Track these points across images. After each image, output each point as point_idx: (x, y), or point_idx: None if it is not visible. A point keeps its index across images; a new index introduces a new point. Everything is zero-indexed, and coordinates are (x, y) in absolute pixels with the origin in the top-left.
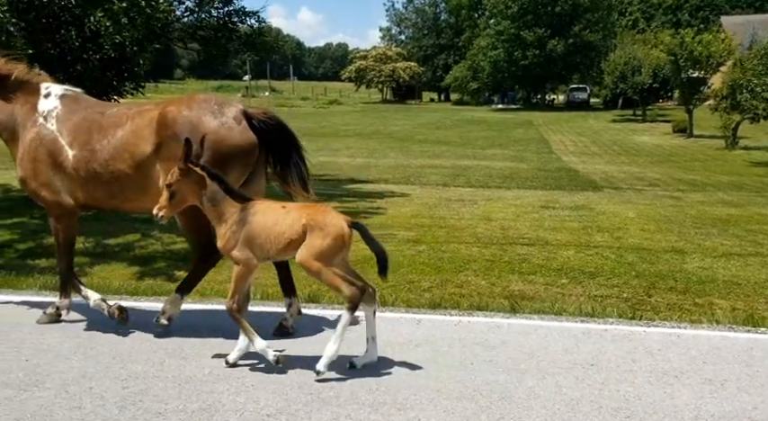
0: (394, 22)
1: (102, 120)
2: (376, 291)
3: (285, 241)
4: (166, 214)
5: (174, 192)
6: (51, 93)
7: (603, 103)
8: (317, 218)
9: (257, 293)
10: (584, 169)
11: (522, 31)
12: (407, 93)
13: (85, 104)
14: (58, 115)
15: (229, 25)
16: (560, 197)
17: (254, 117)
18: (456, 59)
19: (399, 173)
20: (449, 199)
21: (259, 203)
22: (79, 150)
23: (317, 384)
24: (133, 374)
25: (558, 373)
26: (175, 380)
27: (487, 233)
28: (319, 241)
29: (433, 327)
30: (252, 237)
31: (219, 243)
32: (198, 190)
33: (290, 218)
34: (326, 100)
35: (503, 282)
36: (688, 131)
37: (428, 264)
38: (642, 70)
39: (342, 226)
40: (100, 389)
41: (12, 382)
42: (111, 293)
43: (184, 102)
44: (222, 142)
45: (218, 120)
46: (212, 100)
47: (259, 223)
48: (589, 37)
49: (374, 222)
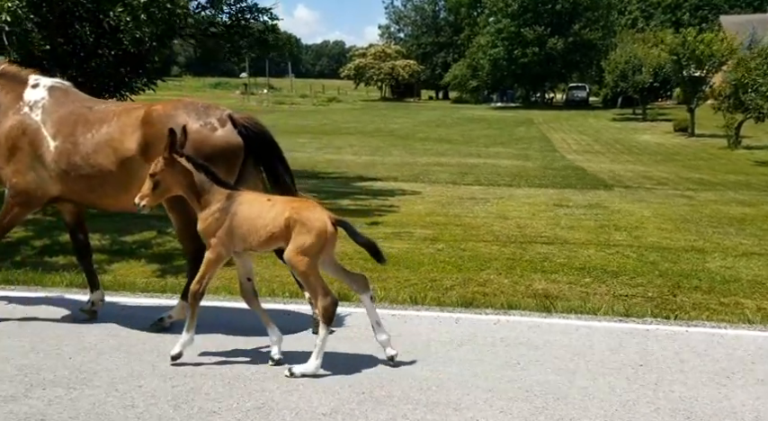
0: (393, 19)
1: (89, 114)
2: (366, 277)
3: (267, 234)
4: (149, 203)
5: (157, 181)
6: (40, 84)
7: (602, 102)
8: (302, 213)
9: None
10: (590, 168)
11: (523, 28)
12: (406, 91)
13: (74, 98)
14: (44, 106)
15: (242, 22)
16: (572, 195)
17: (239, 122)
18: (455, 58)
19: (406, 171)
20: (460, 197)
21: (246, 194)
22: (62, 142)
23: (367, 383)
24: (180, 372)
25: (609, 374)
26: (223, 378)
27: (505, 231)
28: (304, 238)
29: (472, 326)
30: (235, 226)
31: (200, 226)
32: (182, 180)
33: (274, 211)
34: (326, 97)
35: (526, 280)
36: (689, 130)
37: (448, 262)
38: (643, 69)
39: (325, 222)
40: (150, 388)
41: (59, 381)
42: (138, 291)
43: (171, 103)
44: (204, 142)
45: (202, 121)
46: (198, 103)
47: (243, 214)
48: (589, 35)
49: (389, 220)
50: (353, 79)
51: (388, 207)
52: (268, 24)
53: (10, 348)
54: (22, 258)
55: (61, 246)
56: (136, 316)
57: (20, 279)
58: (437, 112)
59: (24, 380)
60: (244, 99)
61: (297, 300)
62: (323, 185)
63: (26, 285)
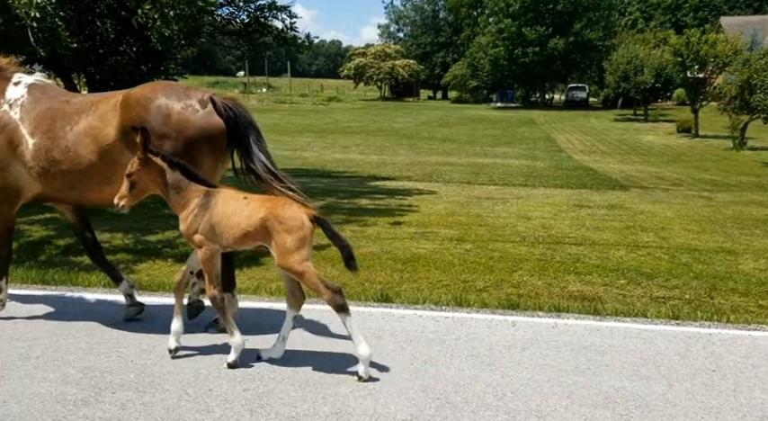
0: (392, 19)
1: (67, 107)
2: (305, 299)
3: (242, 232)
4: (127, 204)
5: (134, 181)
6: (22, 82)
7: (602, 103)
8: (277, 212)
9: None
10: (600, 168)
11: (524, 28)
12: (405, 90)
13: (52, 94)
14: (23, 104)
15: (261, 20)
16: (590, 196)
17: (220, 104)
18: (454, 57)
19: (418, 170)
20: (478, 197)
21: (223, 191)
22: (40, 139)
23: (441, 388)
24: (248, 376)
25: (684, 379)
26: (293, 382)
27: (530, 232)
28: (284, 238)
29: (530, 330)
30: (212, 224)
31: (182, 227)
32: (159, 179)
33: (249, 209)
34: (325, 97)
35: (560, 282)
36: (693, 131)
37: (479, 263)
38: (645, 70)
39: (302, 219)
40: (221, 392)
41: (127, 384)
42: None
43: (149, 86)
44: (186, 123)
45: (183, 103)
46: (178, 85)
47: (219, 211)
48: (590, 35)
49: (411, 220)
50: (353, 79)
51: (408, 207)
52: (286, 23)
53: (68, 350)
54: (47, 257)
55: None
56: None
57: (58, 279)
58: (438, 112)
59: (91, 384)
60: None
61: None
62: (338, 185)
63: (64, 285)
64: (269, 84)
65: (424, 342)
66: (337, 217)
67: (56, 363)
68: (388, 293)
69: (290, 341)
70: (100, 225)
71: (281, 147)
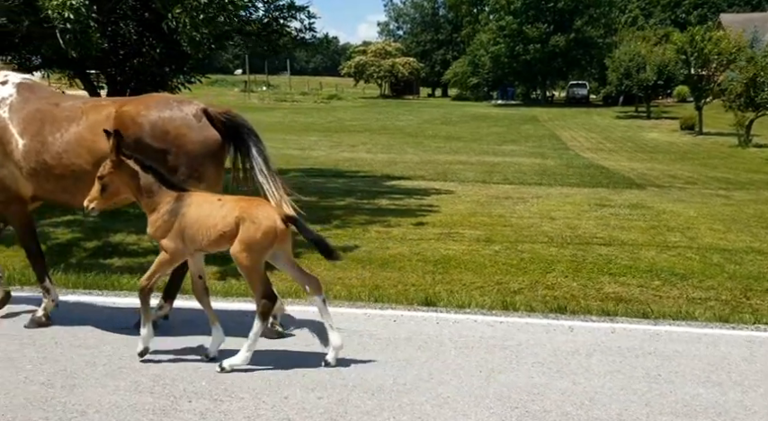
0: (392, 16)
1: (56, 111)
2: (319, 280)
3: (217, 233)
4: (97, 207)
5: (105, 184)
6: (9, 81)
7: (603, 100)
8: (251, 211)
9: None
10: (611, 166)
11: (525, 26)
12: (405, 88)
13: (41, 94)
14: (11, 103)
15: (279, 20)
16: (609, 195)
17: (215, 115)
18: (454, 55)
19: (430, 169)
20: (496, 196)
21: (195, 195)
22: (29, 140)
23: (516, 396)
24: (320, 384)
25: (756, 385)
26: (366, 389)
27: (557, 232)
28: (250, 234)
29: (589, 335)
30: (184, 227)
31: (150, 230)
32: (130, 182)
33: (224, 210)
34: (326, 95)
35: (595, 283)
36: (697, 129)
37: (510, 264)
38: (647, 67)
39: (275, 219)
40: (296, 400)
41: (201, 392)
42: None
43: (142, 101)
44: (185, 138)
45: (178, 117)
46: (170, 98)
47: (193, 214)
48: (591, 32)
49: (434, 220)
50: (354, 77)
51: (428, 207)
52: (305, 23)
53: (132, 357)
54: (77, 260)
55: (113, 247)
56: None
57: (100, 283)
58: (440, 110)
59: (165, 392)
60: (244, 97)
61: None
62: (354, 184)
63: (107, 289)
64: (268, 82)
65: (485, 348)
66: (360, 217)
67: (124, 371)
68: (436, 298)
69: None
70: (126, 227)
71: (290, 146)
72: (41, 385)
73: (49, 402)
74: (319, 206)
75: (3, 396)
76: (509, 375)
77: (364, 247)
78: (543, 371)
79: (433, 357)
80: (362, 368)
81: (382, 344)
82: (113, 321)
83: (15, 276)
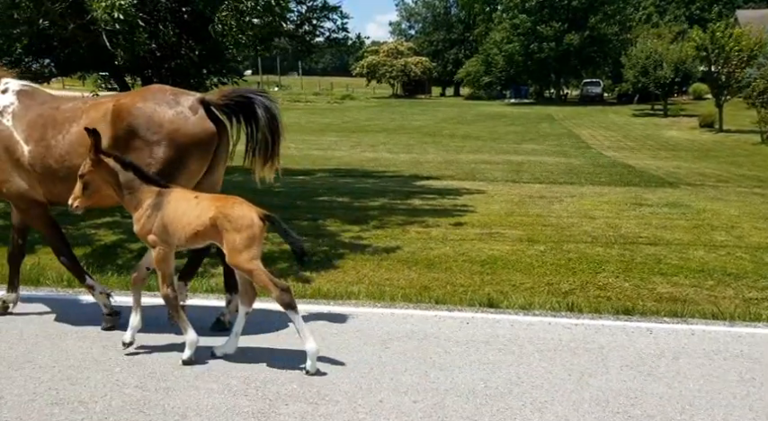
0: (403, 16)
1: (57, 114)
2: (256, 295)
3: (192, 231)
4: (81, 204)
5: (87, 182)
6: (9, 88)
7: (617, 98)
8: (226, 211)
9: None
10: (637, 164)
11: (539, 25)
12: (417, 87)
13: (41, 100)
14: (14, 111)
15: (312, 20)
16: (643, 194)
17: (213, 103)
18: (467, 54)
19: (456, 169)
20: (530, 196)
21: (175, 192)
22: (35, 146)
23: (614, 401)
24: (411, 387)
25: None
26: (459, 393)
27: (599, 232)
28: (233, 237)
29: (670, 338)
30: (164, 224)
31: (135, 228)
32: (111, 179)
33: (199, 209)
34: (339, 95)
35: (647, 284)
36: (717, 126)
37: (558, 264)
38: (664, 65)
39: (252, 218)
40: (392, 404)
41: (295, 395)
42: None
43: (139, 93)
44: (178, 132)
45: (174, 110)
46: (167, 90)
47: (170, 211)
48: (605, 29)
49: (472, 220)
50: (366, 77)
51: (463, 206)
52: (338, 23)
53: (215, 359)
54: (123, 262)
55: None
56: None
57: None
58: (454, 109)
59: (259, 395)
60: None
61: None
62: (384, 185)
63: None
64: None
65: (568, 351)
66: (396, 218)
67: (213, 373)
68: (495, 300)
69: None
70: None
71: (311, 146)
72: (135, 388)
73: (147, 405)
74: (354, 207)
75: (100, 400)
76: (600, 379)
77: (407, 248)
78: (634, 376)
79: (518, 360)
80: (448, 371)
81: (461, 346)
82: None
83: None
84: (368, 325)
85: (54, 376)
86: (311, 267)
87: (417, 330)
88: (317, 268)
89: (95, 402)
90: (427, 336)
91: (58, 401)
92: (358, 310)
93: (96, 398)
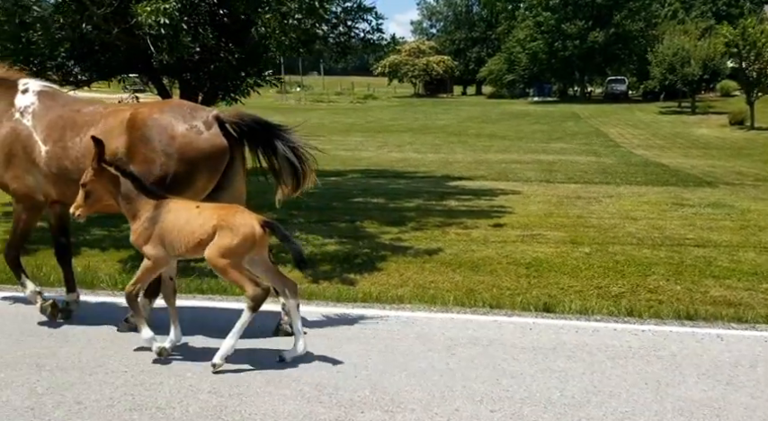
0: (425, 15)
1: (77, 117)
2: (297, 285)
3: (195, 240)
4: (83, 213)
5: (88, 191)
6: (29, 89)
7: (642, 95)
8: (228, 219)
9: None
10: (670, 163)
11: (563, 23)
12: (438, 86)
13: (63, 101)
14: (34, 111)
15: (347, 22)
16: (682, 193)
17: (228, 121)
18: (489, 52)
19: (487, 169)
20: (567, 196)
21: (174, 202)
22: (52, 146)
23: (699, 412)
24: (486, 395)
25: None
26: (536, 402)
27: (644, 233)
28: (227, 240)
29: (742, 345)
30: (163, 234)
31: (132, 237)
32: (112, 189)
33: (202, 218)
34: (362, 95)
35: (699, 287)
36: (749, 124)
37: (606, 267)
38: (691, 61)
39: (252, 225)
40: (468, 412)
41: (370, 402)
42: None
43: (158, 105)
44: (189, 145)
45: (188, 124)
46: (185, 105)
47: (171, 221)
48: (631, 26)
49: (511, 222)
50: (388, 76)
51: (500, 207)
52: (373, 24)
53: (283, 364)
54: None
55: None
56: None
57: (214, 287)
58: (477, 108)
59: (333, 402)
60: (281, 98)
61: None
62: (417, 185)
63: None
64: (301, 83)
65: (640, 358)
66: (434, 219)
67: (283, 379)
68: (553, 303)
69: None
70: None
71: (338, 147)
72: (209, 394)
73: (224, 411)
74: (389, 208)
75: (177, 405)
76: (679, 388)
77: (449, 250)
78: (713, 385)
79: (590, 368)
80: (520, 379)
81: (528, 353)
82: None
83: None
84: (428, 330)
85: (127, 381)
86: (354, 269)
87: (480, 336)
88: (360, 270)
89: (173, 408)
90: (492, 343)
91: (136, 407)
92: (416, 315)
93: (173, 403)
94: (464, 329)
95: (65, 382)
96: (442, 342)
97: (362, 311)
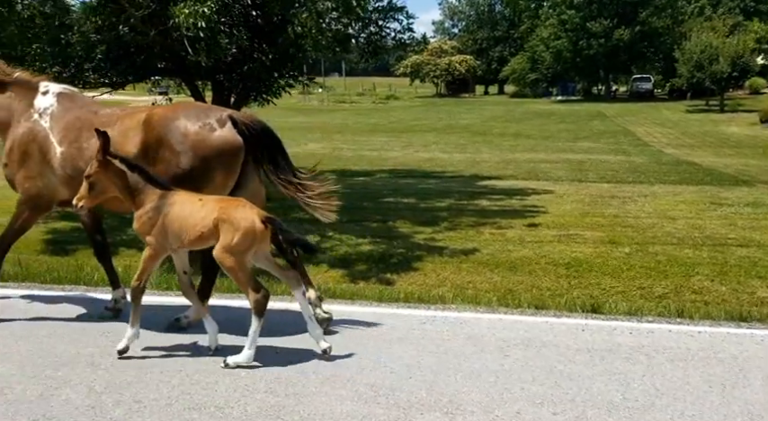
0: (447, 14)
1: (94, 119)
2: (297, 274)
3: (197, 233)
4: (86, 204)
5: (93, 183)
6: (49, 90)
7: (668, 94)
8: (229, 213)
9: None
10: (702, 162)
11: (588, 21)
12: (460, 86)
13: (81, 103)
14: (52, 113)
15: (378, 22)
16: (719, 193)
17: (241, 121)
18: (512, 51)
19: (515, 168)
20: (600, 196)
21: (178, 194)
22: (67, 148)
23: (766, 414)
24: (546, 398)
25: None
26: (596, 405)
27: (684, 233)
28: (230, 236)
29: None
30: (166, 225)
31: (135, 225)
32: (117, 181)
33: (204, 211)
34: (384, 95)
35: (746, 288)
36: None
37: (647, 267)
38: (720, 59)
39: (253, 220)
40: (530, 415)
41: (427, 404)
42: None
43: (172, 106)
44: (202, 142)
45: (201, 122)
46: (200, 105)
47: (174, 213)
48: (656, 23)
49: (547, 222)
50: (410, 76)
51: (533, 207)
52: (403, 24)
53: (336, 365)
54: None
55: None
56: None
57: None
58: (500, 107)
59: (390, 403)
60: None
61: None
62: (447, 185)
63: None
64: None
65: (700, 360)
66: (467, 219)
67: (338, 379)
68: (600, 304)
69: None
70: None
71: (364, 147)
72: (265, 393)
73: (283, 411)
74: (420, 208)
75: (235, 405)
76: (744, 391)
77: (484, 250)
78: None
79: (650, 370)
80: (579, 382)
81: (584, 355)
82: (297, 326)
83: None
84: (478, 331)
85: (183, 380)
86: (390, 269)
87: (532, 337)
88: (396, 270)
89: (231, 407)
90: (545, 344)
91: (195, 406)
92: (463, 316)
93: (231, 403)
94: (514, 330)
95: (122, 381)
96: (493, 343)
97: (407, 311)
